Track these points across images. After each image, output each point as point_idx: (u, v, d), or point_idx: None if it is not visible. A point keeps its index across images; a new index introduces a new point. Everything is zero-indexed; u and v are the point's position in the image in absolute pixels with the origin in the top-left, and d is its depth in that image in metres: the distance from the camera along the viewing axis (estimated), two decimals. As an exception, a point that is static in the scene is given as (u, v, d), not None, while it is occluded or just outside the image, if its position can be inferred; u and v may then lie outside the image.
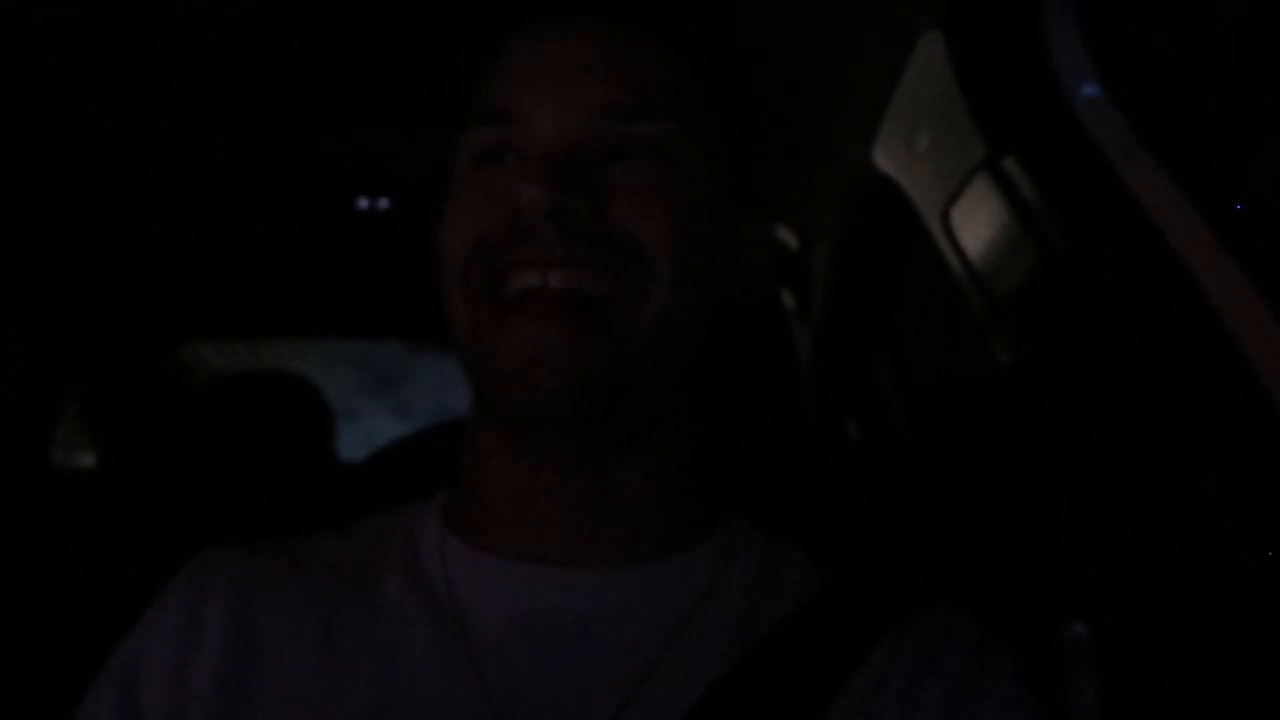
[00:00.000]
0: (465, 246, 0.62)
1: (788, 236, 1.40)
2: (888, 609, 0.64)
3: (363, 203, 1.61)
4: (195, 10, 1.16)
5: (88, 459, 1.91)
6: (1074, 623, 0.77)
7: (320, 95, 1.34)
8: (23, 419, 1.68)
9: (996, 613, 0.71)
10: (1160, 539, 0.68)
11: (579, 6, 0.65)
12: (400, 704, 0.59)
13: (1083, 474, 0.78)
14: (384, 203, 1.61)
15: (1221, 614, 0.63)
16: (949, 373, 1.30)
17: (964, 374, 1.12)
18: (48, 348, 1.72)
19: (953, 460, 1.13)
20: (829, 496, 0.93)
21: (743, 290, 0.67)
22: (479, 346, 0.61)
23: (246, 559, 0.66)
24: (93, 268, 1.72)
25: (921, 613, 0.64)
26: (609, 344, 0.59)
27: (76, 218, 1.60)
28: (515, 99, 0.62)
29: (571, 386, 0.58)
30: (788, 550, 0.68)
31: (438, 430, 1.07)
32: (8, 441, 1.66)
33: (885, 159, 1.04)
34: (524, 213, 0.59)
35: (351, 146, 1.49)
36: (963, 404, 1.18)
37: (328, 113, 1.40)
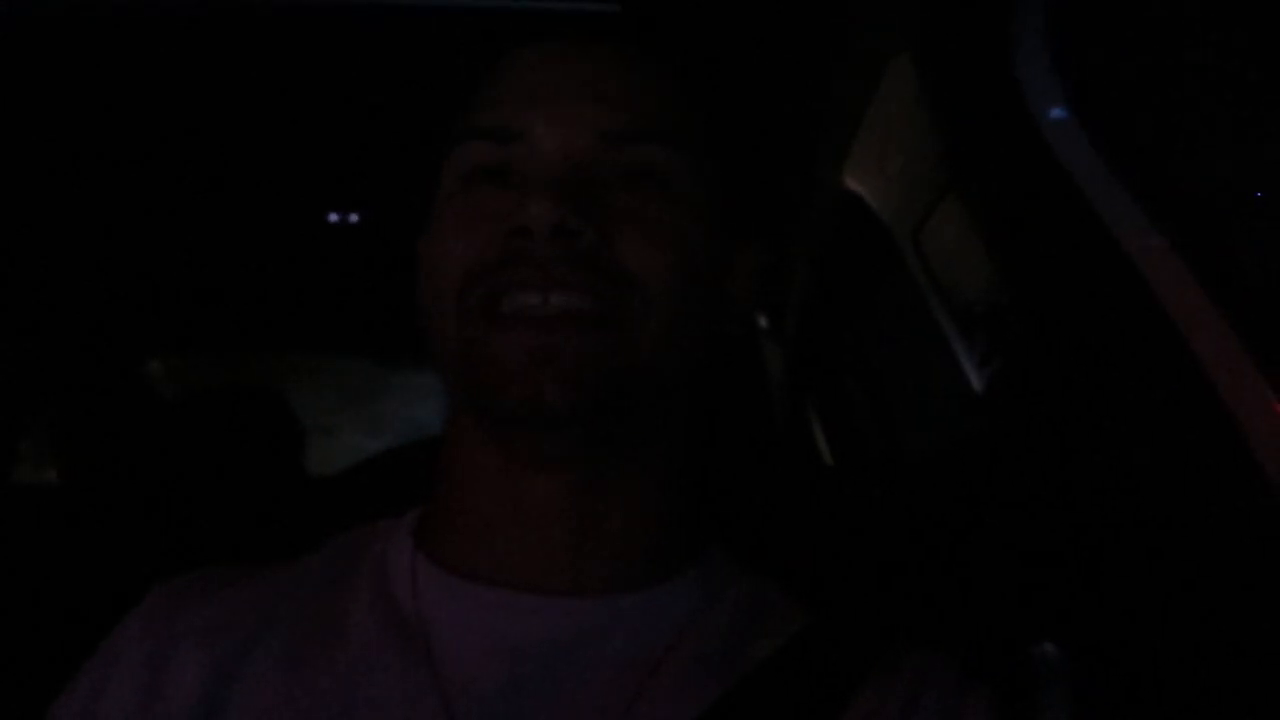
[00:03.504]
0: (460, 270, 0.60)
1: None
2: (871, 652, 0.63)
3: (333, 216, 1.61)
4: (170, 23, 1.16)
5: (52, 475, 1.88)
6: (1044, 643, 0.77)
7: (292, 108, 1.34)
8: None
9: (969, 636, 0.71)
10: (1128, 554, 0.68)
11: (562, 29, 0.64)
12: None
13: (1052, 491, 0.78)
14: (354, 216, 1.61)
15: (1193, 631, 0.63)
16: (922, 394, 1.31)
17: (936, 395, 1.12)
18: (10, 360, 1.70)
19: (926, 480, 1.14)
20: (803, 525, 0.92)
21: (728, 319, 0.66)
22: (472, 355, 0.59)
23: (205, 592, 0.64)
24: (58, 280, 1.70)
25: (901, 656, 0.63)
26: (607, 353, 0.58)
27: (41, 230, 1.58)
28: (518, 116, 0.61)
29: (573, 386, 0.56)
30: (768, 586, 0.67)
31: (413, 446, 1.06)
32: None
33: (857, 180, 1.05)
34: (528, 230, 0.57)
35: (323, 159, 1.48)
36: (935, 425, 1.19)
37: (299, 125, 1.39)
